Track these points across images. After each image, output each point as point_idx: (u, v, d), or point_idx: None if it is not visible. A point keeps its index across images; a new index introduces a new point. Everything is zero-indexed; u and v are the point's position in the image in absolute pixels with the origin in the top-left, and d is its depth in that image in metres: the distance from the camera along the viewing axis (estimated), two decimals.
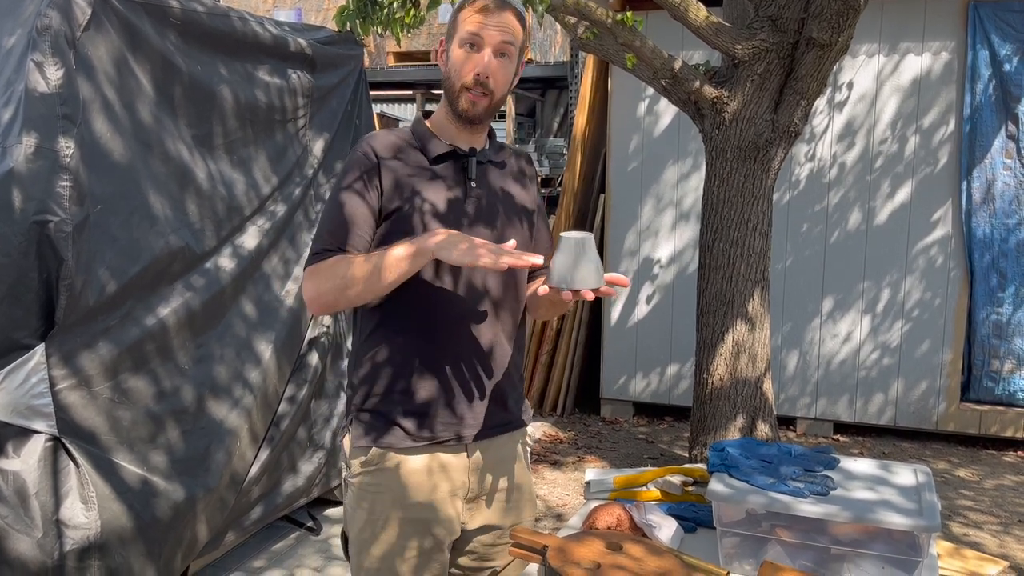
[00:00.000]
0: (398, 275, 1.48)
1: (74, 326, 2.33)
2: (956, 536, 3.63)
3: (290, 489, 3.33)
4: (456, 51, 1.58)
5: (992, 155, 4.68)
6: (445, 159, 1.62)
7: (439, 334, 1.59)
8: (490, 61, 1.55)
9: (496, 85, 1.57)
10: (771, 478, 1.68)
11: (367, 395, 1.62)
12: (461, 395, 1.61)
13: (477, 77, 1.55)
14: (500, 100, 1.61)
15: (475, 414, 1.62)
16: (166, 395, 2.63)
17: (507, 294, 1.66)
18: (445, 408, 1.60)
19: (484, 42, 1.56)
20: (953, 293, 4.80)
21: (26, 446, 2.23)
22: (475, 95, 1.57)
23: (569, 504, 4.00)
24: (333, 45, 3.72)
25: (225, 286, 2.93)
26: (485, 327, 1.62)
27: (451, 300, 1.60)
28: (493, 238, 1.62)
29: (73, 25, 2.33)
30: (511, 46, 1.58)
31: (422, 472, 1.60)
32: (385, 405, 1.60)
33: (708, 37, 3.72)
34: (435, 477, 1.61)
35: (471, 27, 1.55)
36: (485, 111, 1.59)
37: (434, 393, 1.59)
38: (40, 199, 2.19)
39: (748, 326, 3.94)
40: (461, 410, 1.61)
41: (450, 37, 1.62)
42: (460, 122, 1.60)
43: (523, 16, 1.62)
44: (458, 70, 1.57)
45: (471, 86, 1.56)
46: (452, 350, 1.60)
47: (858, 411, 5.03)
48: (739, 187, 3.86)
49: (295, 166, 3.43)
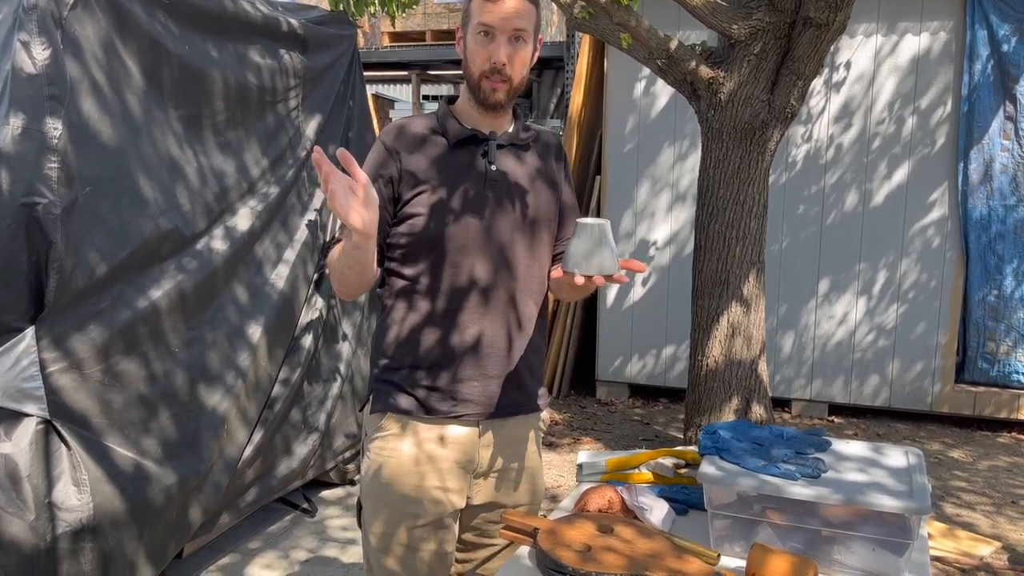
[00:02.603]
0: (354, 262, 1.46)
1: (64, 308, 2.32)
2: (949, 517, 3.65)
3: (285, 471, 3.33)
4: (472, 41, 1.60)
5: (990, 136, 4.65)
6: (466, 143, 1.65)
7: (460, 312, 1.63)
8: (505, 49, 1.57)
9: (514, 71, 1.60)
10: (762, 460, 1.68)
11: (387, 366, 1.67)
12: (478, 373, 1.64)
13: (494, 65, 1.58)
14: (520, 84, 1.63)
15: (490, 393, 1.66)
16: (158, 378, 2.62)
17: (531, 274, 1.69)
18: (461, 384, 1.64)
19: (497, 31, 1.57)
20: (949, 275, 4.79)
21: (17, 429, 2.22)
22: (494, 82, 1.59)
23: (564, 486, 4.01)
24: (326, 25, 3.68)
25: (217, 268, 2.91)
26: (507, 308, 1.66)
27: (474, 279, 1.63)
28: (514, 221, 1.65)
29: (60, 4, 2.30)
30: (525, 31, 1.60)
31: (434, 441, 1.65)
32: (403, 376, 1.65)
33: (704, 16, 3.69)
34: (447, 448, 1.65)
35: (484, 17, 1.57)
36: (506, 97, 1.61)
37: (452, 369, 1.63)
38: (28, 181, 2.17)
39: (743, 308, 3.93)
40: (476, 388, 1.65)
41: (465, 25, 1.64)
42: (482, 108, 1.63)
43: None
44: (475, 59, 1.60)
45: (489, 74, 1.59)
46: (473, 328, 1.64)
47: (853, 392, 5.04)
48: (735, 168, 3.84)
49: (287, 148, 3.40)
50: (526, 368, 1.71)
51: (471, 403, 1.65)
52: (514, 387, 1.69)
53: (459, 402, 1.65)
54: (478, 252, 1.62)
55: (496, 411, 1.68)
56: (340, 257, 1.50)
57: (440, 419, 1.65)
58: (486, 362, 1.65)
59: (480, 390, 1.65)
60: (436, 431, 1.65)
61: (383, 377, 1.68)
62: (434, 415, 1.65)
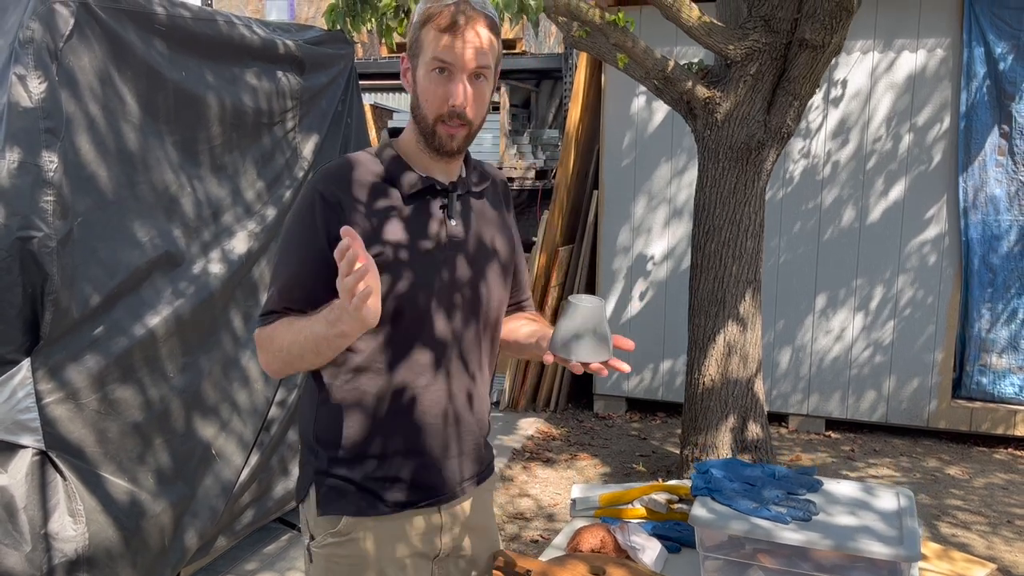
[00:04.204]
0: (332, 351, 1.34)
1: (60, 339, 2.33)
2: (944, 537, 3.65)
3: (281, 492, 3.34)
4: (425, 78, 1.39)
5: (986, 153, 4.67)
6: (421, 195, 1.45)
7: (418, 391, 1.45)
8: (466, 90, 1.38)
9: (474, 114, 1.41)
10: (754, 502, 1.69)
11: (333, 459, 1.46)
12: (441, 455, 1.48)
13: (453, 109, 1.38)
14: (480, 126, 1.44)
15: (451, 473, 1.51)
16: (153, 405, 2.63)
17: (490, 335, 1.55)
18: (421, 471, 1.47)
19: (456, 67, 1.37)
20: (946, 292, 4.80)
21: (13, 461, 2.23)
22: (452, 127, 1.39)
23: (560, 504, 4.01)
24: (323, 45, 3.69)
25: (214, 292, 2.92)
26: (462, 377, 1.49)
27: (431, 351, 1.45)
28: (474, 278, 1.49)
29: (56, 36, 2.30)
30: (487, 68, 1.40)
31: (396, 539, 1.48)
32: (354, 470, 1.45)
33: (700, 37, 3.70)
34: (410, 542, 1.49)
35: (440, 51, 1.36)
36: (464, 142, 1.43)
37: (409, 456, 1.46)
38: (24, 215, 2.18)
39: (740, 327, 3.94)
40: (437, 472, 1.49)
41: (414, 56, 1.41)
42: (436, 155, 1.44)
43: (496, 23, 1.42)
44: (429, 100, 1.39)
45: (447, 118, 1.39)
46: (435, 408, 1.47)
47: (850, 408, 5.05)
48: (731, 188, 3.85)
49: (284, 169, 3.41)
50: (484, 424, 1.57)
51: (433, 489, 1.49)
52: (473, 459, 1.55)
53: (421, 489, 1.48)
54: (436, 321, 1.44)
55: (458, 489, 1.53)
56: (305, 342, 1.32)
57: (400, 512, 1.47)
58: (450, 442, 1.49)
59: (442, 473, 1.49)
60: (397, 527, 1.47)
61: (332, 472, 1.46)
62: (394, 509, 1.46)
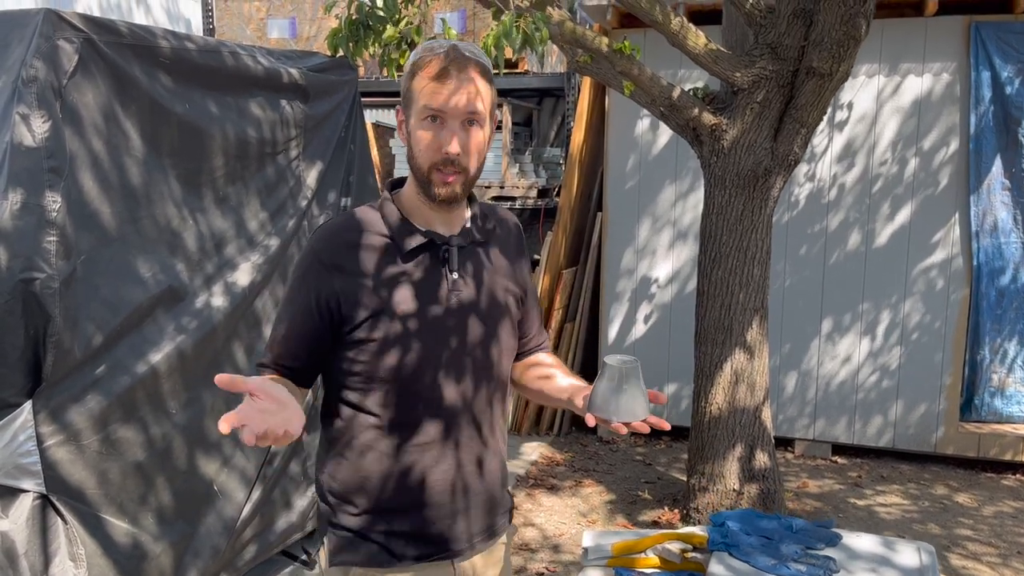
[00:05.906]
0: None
1: (62, 380, 2.29)
2: (955, 569, 3.61)
3: (284, 526, 3.30)
4: (417, 126, 1.39)
5: (993, 177, 4.64)
6: (421, 251, 1.45)
7: (427, 447, 1.46)
8: (459, 137, 1.38)
9: (470, 160, 1.40)
10: (772, 559, 1.65)
11: (346, 510, 1.49)
12: (450, 510, 1.50)
13: (447, 156, 1.38)
14: (478, 173, 1.43)
15: (465, 527, 1.52)
16: (155, 444, 2.59)
17: (499, 387, 1.55)
18: (434, 525, 1.49)
19: (448, 115, 1.37)
20: (953, 315, 4.77)
21: (14, 505, 2.19)
22: (446, 175, 1.39)
23: (566, 534, 3.96)
24: (326, 72, 3.67)
25: (217, 325, 2.88)
26: (475, 432, 1.50)
27: (439, 408, 1.46)
28: (485, 339, 1.49)
29: (60, 74, 2.28)
30: (479, 114, 1.39)
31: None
32: (367, 522, 1.48)
33: (707, 64, 3.68)
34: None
35: (430, 100, 1.37)
36: (462, 189, 1.42)
37: (422, 509, 1.48)
38: (27, 256, 2.15)
39: (746, 355, 3.91)
40: (450, 525, 1.50)
41: (407, 107, 1.42)
42: (435, 204, 1.43)
43: (488, 69, 1.42)
44: (422, 149, 1.39)
45: (441, 166, 1.39)
46: (444, 463, 1.48)
47: (856, 433, 5.01)
48: (738, 215, 3.83)
49: (288, 198, 3.38)
50: (496, 483, 1.57)
51: (445, 543, 1.50)
52: (488, 513, 1.55)
53: (433, 544, 1.49)
54: (446, 392, 1.45)
55: (472, 543, 1.53)
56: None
57: (413, 565, 1.49)
58: (457, 497, 1.49)
59: (453, 527, 1.50)
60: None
61: (343, 524, 1.49)
62: (406, 562, 1.48)
